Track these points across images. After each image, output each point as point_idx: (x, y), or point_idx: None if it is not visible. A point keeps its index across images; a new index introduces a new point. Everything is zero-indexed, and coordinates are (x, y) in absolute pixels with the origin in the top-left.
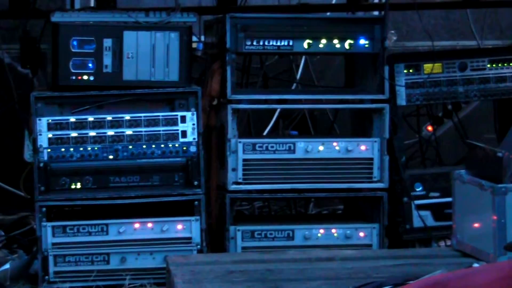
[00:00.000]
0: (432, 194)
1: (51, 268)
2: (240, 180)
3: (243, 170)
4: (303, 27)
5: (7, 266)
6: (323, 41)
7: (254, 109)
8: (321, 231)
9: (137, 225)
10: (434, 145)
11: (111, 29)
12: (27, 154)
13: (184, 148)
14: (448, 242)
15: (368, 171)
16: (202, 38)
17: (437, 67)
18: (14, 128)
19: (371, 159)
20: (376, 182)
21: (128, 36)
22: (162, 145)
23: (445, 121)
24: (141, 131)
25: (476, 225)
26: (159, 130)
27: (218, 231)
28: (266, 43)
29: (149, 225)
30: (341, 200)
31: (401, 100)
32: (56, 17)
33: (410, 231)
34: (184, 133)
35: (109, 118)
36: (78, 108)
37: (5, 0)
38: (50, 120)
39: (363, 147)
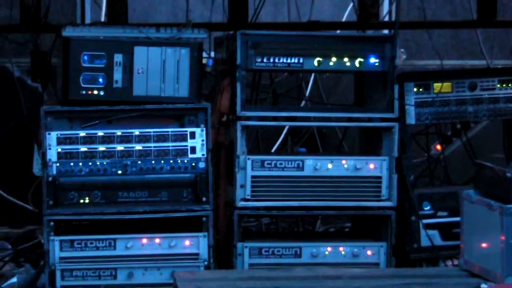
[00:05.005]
0: (440, 213)
1: (58, 283)
2: (248, 197)
3: (252, 186)
4: (313, 45)
5: (14, 280)
6: (333, 59)
7: (263, 126)
8: (329, 249)
9: (144, 241)
10: (442, 164)
11: (122, 44)
12: (36, 168)
13: (193, 164)
14: (456, 262)
15: (376, 190)
16: (212, 54)
17: (446, 86)
18: (23, 142)
19: (380, 177)
20: (384, 200)
21: (139, 52)
22: (171, 161)
23: (454, 140)
24: (150, 147)
25: (484, 245)
26: (168, 146)
27: (226, 247)
28: (277, 60)
29: (157, 240)
30: (348, 218)
31: (411, 119)
32: (67, 32)
33: (417, 250)
34: (193, 149)
35: (118, 133)
36: (88, 123)
37: (16, 14)
38: (59, 134)
39: (371, 165)
